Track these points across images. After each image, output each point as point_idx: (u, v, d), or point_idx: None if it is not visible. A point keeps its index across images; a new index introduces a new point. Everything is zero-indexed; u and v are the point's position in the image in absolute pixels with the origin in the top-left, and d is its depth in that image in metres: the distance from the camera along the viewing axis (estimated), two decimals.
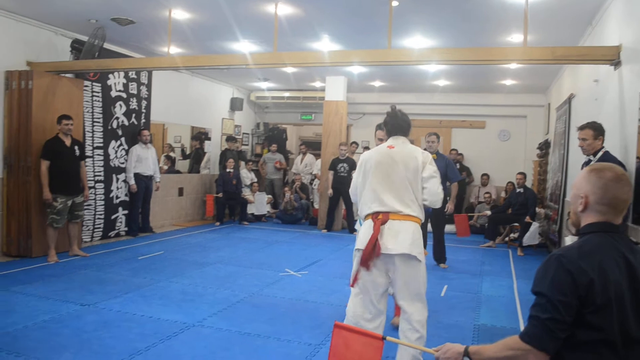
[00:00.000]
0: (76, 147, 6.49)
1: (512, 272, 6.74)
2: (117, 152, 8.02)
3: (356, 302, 3.19)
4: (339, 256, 7.39)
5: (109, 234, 7.93)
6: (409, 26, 6.41)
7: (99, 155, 7.67)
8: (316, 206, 10.89)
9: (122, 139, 8.12)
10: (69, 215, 6.43)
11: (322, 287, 5.63)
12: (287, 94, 12.24)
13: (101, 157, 7.71)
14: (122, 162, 8.11)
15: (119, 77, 7.98)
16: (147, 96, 8.66)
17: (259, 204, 10.88)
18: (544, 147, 9.72)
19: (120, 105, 8.03)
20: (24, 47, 6.72)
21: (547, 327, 1.62)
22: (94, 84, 7.54)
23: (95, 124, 7.58)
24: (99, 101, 7.63)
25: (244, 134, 12.79)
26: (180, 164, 11.48)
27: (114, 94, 7.91)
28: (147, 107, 8.66)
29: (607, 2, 5.18)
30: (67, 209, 6.36)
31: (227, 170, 10.26)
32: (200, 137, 11.34)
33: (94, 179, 7.56)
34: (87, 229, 7.48)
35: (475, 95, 11.46)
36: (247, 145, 13.00)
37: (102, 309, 4.53)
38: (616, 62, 4.62)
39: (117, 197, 8.05)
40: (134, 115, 8.33)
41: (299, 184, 11.22)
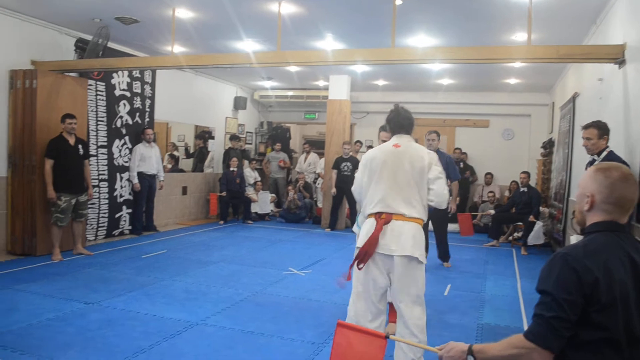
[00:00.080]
0: (80, 146, 6.51)
1: (516, 272, 6.73)
2: (121, 151, 8.04)
3: (357, 302, 3.19)
4: (342, 255, 7.38)
5: (113, 233, 7.95)
6: (413, 25, 6.40)
7: (103, 154, 7.69)
8: (320, 205, 10.89)
9: (126, 138, 8.14)
10: (73, 214, 6.45)
11: (326, 286, 5.63)
12: (290, 93, 12.24)
13: (105, 156, 7.74)
14: (126, 161, 8.14)
15: (123, 76, 8.00)
16: (151, 95, 8.67)
17: (263, 202, 10.89)
18: (548, 146, 9.69)
19: (124, 104, 8.05)
20: (28, 46, 6.74)
21: (551, 325, 1.61)
22: (98, 83, 7.56)
23: (99, 122, 7.61)
24: (103, 100, 7.65)
25: (247, 132, 12.80)
26: (184, 163, 11.51)
27: (118, 93, 7.93)
28: (151, 106, 8.68)
29: (611, 0, 5.16)
30: (71, 207, 6.38)
31: (231, 169, 10.27)
32: (204, 136, 11.35)
33: (98, 177, 7.58)
34: (91, 228, 7.50)
35: (479, 94, 11.43)
36: (250, 144, 13.01)
37: (106, 307, 4.55)
38: (620, 61, 4.60)
39: (121, 196, 8.07)
40: (137, 114, 8.35)
41: (303, 183, 11.23)
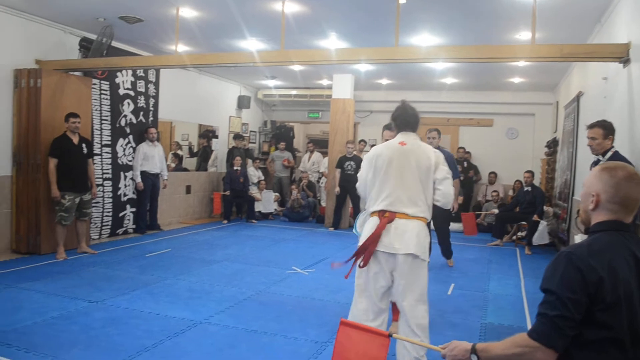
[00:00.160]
0: (84, 145, 6.52)
1: (520, 271, 6.72)
2: (125, 149, 8.06)
3: (359, 301, 3.18)
4: (346, 254, 7.34)
5: (117, 232, 7.97)
6: (417, 24, 6.39)
7: (107, 153, 7.71)
8: (323, 204, 10.89)
9: (130, 137, 8.16)
10: (77, 212, 6.47)
11: (329, 285, 5.63)
12: (294, 92, 12.24)
13: (109, 155, 7.76)
14: (130, 160, 8.15)
15: (127, 75, 8.01)
16: (155, 94, 8.69)
17: (266, 201, 10.89)
18: (552, 145, 9.66)
19: (128, 103, 8.07)
20: (32, 45, 6.76)
21: (555, 324, 1.61)
22: (102, 82, 7.58)
23: (103, 121, 7.62)
24: (107, 99, 7.67)
25: (251, 131, 12.80)
26: (187, 162, 11.52)
27: (122, 92, 7.94)
28: (155, 105, 8.70)
29: None
30: (74, 206, 6.40)
31: (235, 168, 10.28)
32: (207, 135, 11.37)
33: (102, 176, 7.60)
34: (95, 227, 7.52)
35: (482, 93, 11.40)
36: (254, 143, 13.02)
37: (110, 306, 4.56)
38: (625, 60, 4.58)
39: (125, 195, 8.09)
40: (141, 113, 8.37)
41: (306, 182, 11.23)
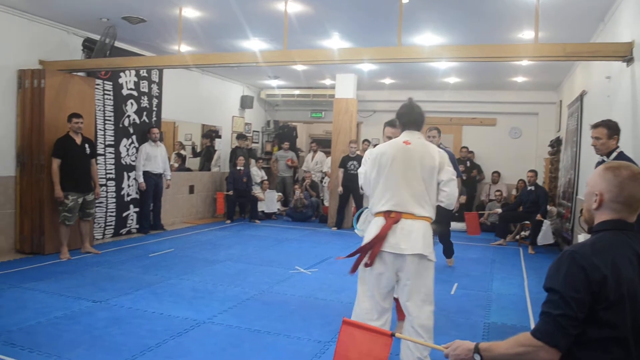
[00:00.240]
0: (86, 145, 6.54)
1: (523, 270, 6.70)
2: (128, 150, 8.08)
3: (363, 301, 3.17)
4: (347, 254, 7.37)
5: (121, 232, 7.99)
6: (419, 23, 6.38)
7: (110, 153, 7.73)
8: (326, 204, 10.90)
9: (134, 137, 8.18)
10: (80, 213, 6.48)
11: (332, 284, 5.63)
12: (297, 92, 12.24)
13: (112, 155, 7.77)
14: (134, 160, 8.17)
15: (130, 75, 8.03)
16: (158, 94, 8.71)
17: (269, 201, 10.90)
18: (556, 144, 9.64)
19: (131, 103, 8.09)
20: (36, 46, 6.78)
21: (558, 323, 1.61)
22: (106, 82, 7.59)
23: (106, 122, 7.64)
24: (110, 99, 7.69)
25: (254, 131, 12.82)
26: (191, 162, 11.54)
27: (125, 92, 7.96)
28: (158, 105, 8.72)
29: None
30: (78, 206, 6.41)
31: (238, 167, 10.29)
32: (210, 135, 11.38)
33: (105, 176, 7.62)
34: (99, 227, 7.54)
35: (486, 92, 11.38)
36: (257, 143, 13.03)
37: (114, 305, 4.57)
38: (629, 59, 4.56)
39: (129, 195, 8.11)
40: (145, 113, 8.38)
41: (309, 182, 11.23)
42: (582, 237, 3.96)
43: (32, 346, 3.56)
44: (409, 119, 3.25)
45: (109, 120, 7.69)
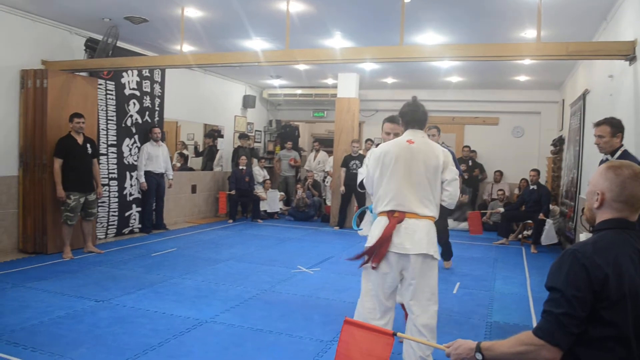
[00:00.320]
0: (88, 145, 6.55)
1: (525, 270, 6.70)
2: (131, 149, 8.09)
3: (366, 300, 3.17)
4: (351, 253, 7.34)
5: (123, 231, 8.00)
6: (421, 23, 6.38)
7: (112, 152, 7.74)
8: (328, 203, 10.89)
9: (136, 137, 8.19)
10: (82, 212, 6.49)
11: (334, 284, 5.64)
12: (299, 91, 12.24)
13: (115, 155, 7.79)
14: (136, 160, 8.18)
15: (133, 75, 8.04)
16: (161, 94, 8.72)
17: (272, 201, 10.91)
18: (558, 143, 9.62)
19: (134, 103, 8.10)
20: (39, 46, 6.79)
21: (560, 322, 1.61)
22: (108, 82, 7.61)
23: (109, 121, 7.65)
24: (112, 99, 7.70)
25: (256, 131, 12.82)
26: (193, 162, 11.55)
27: (127, 92, 7.97)
28: (161, 105, 8.73)
29: None
30: (80, 206, 6.42)
31: (240, 167, 10.30)
32: (213, 134, 11.39)
33: (108, 176, 7.63)
34: (101, 226, 7.56)
35: (488, 91, 11.37)
36: (259, 142, 13.04)
37: (116, 305, 4.58)
38: (631, 58, 4.55)
39: (131, 195, 8.12)
40: (147, 113, 8.40)
41: (312, 181, 11.24)
42: (584, 236, 3.95)
43: (34, 345, 3.57)
44: (413, 117, 3.22)
45: (112, 120, 7.70)
